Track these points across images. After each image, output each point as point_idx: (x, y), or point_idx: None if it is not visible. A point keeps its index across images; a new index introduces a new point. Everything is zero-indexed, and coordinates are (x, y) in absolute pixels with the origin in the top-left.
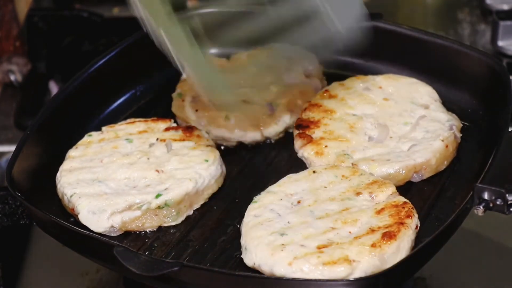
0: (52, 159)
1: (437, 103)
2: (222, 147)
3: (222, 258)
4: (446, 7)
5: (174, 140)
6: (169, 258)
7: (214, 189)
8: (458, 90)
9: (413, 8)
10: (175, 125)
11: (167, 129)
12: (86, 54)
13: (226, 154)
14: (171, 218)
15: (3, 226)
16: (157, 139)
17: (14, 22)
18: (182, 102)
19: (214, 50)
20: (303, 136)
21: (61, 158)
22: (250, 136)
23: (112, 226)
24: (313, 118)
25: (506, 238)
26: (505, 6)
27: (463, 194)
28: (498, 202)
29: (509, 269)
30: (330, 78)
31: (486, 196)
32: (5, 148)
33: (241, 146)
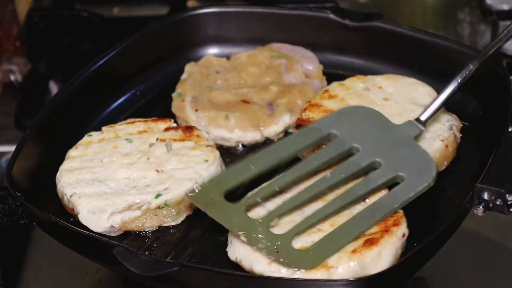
0: (52, 159)
1: None
2: (222, 147)
3: (222, 258)
4: (446, 7)
5: (174, 140)
6: (169, 258)
7: None
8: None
9: (413, 8)
10: (175, 125)
11: (167, 129)
12: (86, 54)
13: (226, 154)
14: (171, 218)
15: (3, 226)
16: (157, 139)
17: (14, 22)
18: (182, 102)
19: (214, 50)
20: None
21: (61, 158)
22: (250, 136)
23: (112, 226)
24: (313, 118)
25: (506, 238)
26: (505, 6)
27: (463, 194)
28: (498, 202)
29: (509, 269)
30: (330, 78)
31: (486, 196)
32: (5, 148)
33: (241, 146)
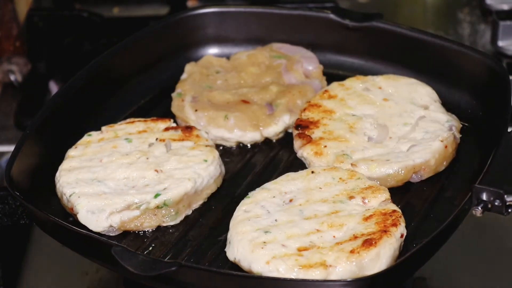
0: (51, 159)
1: (436, 104)
2: (221, 147)
3: (220, 258)
4: (446, 7)
5: (174, 140)
6: (167, 258)
7: (213, 189)
8: (458, 90)
9: (413, 8)
10: (175, 125)
11: (167, 129)
12: (86, 54)
13: (225, 154)
14: (170, 218)
15: (3, 226)
16: (156, 139)
17: (14, 22)
18: (182, 102)
19: (214, 50)
20: (303, 136)
21: (60, 158)
22: (250, 136)
23: (111, 226)
24: (312, 118)
25: (506, 238)
26: (505, 6)
27: (462, 194)
28: (497, 203)
29: (509, 269)
30: (330, 78)
31: (484, 197)
32: (5, 148)
33: (240, 146)
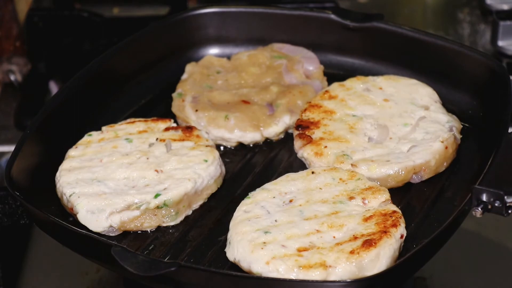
0: (51, 159)
1: (437, 104)
2: (221, 147)
3: (220, 258)
4: (446, 7)
5: (174, 140)
6: (167, 258)
7: (213, 189)
8: (458, 91)
9: (413, 8)
10: (175, 125)
11: (167, 129)
12: (86, 54)
13: (226, 154)
14: (170, 218)
15: (3, 226)
16: (156, 139)
17: (14, 22)
18: (182, 102)
19: (215, 50)
20: (303, 136)
21: (60, 158)
22: (250, 136)
23: (110, 226)
24: (313, 118)
25: (506, 238)
26: (505, 6)
27: (463, 195)
28: (497, 204)
29: (509, 269)
30: (331, 78)
31: (484, 198)
32: (5, 148)
33: (240, 146)
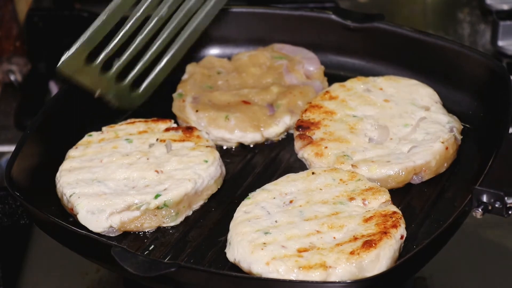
0: (51, 159)
1: (437, 105)
2: (222, 148)
3: (220, 259)
4: (446, 7)
5: (174, 140)
6: (167, 259)
7: (213, 189)
8: (459, 92)
9: (413, 8)
10: (175, 125)
11: (167, 129)
12: None
13: (226, 155)
14: (170, 219)
15: (3, 226)
16: (157, 140)
17: (14, 22)
18: (183, 102)
19: (215, 51)
20: (303, 137)
21: (60, 158)
22: (250, 137)
23: (111, 226)
24: (313, 119)
25: (506, 238)
26: (505, 6)
27: (463, 196)
28: (497, 205)
29: (509, 269)
30: (331, 79)
31: (485, 198)
32: (5, 148)
33: (241, 146)
